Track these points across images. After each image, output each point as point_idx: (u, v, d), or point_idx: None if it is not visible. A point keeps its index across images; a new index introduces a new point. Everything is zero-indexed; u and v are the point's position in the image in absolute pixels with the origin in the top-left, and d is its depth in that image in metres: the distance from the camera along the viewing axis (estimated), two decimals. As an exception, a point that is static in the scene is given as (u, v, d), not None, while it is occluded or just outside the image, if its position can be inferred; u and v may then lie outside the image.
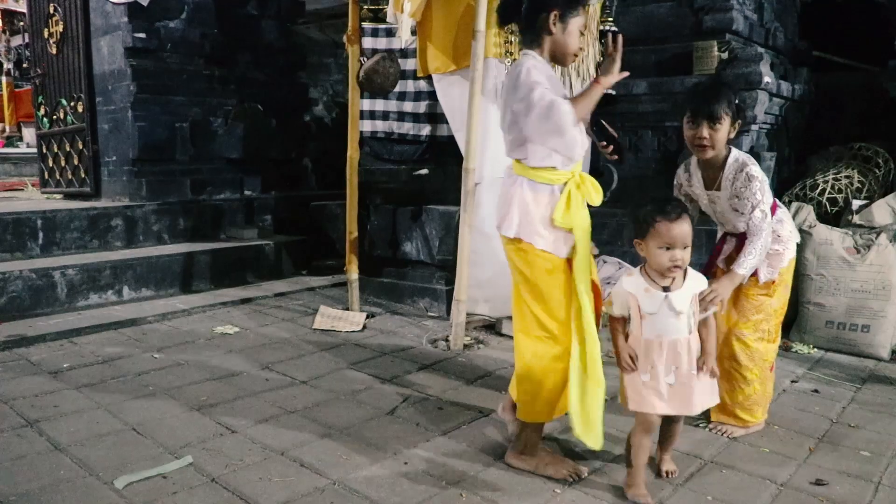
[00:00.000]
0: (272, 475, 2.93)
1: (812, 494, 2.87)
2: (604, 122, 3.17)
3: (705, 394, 2.82)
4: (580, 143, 2.88)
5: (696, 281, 2.83)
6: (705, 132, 3.10)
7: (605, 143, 3.10)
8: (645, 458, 2.80)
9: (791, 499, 2.84)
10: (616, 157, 3.14)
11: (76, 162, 6.96)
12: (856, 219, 5.12)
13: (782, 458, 3.19)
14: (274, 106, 7.48)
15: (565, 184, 2.91)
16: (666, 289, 2.72)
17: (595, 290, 3.01)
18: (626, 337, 2.87)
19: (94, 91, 6.75)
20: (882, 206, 5.08)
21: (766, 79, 5.60)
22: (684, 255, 2.68)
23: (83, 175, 6.89)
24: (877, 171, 5.62)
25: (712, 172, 3.27)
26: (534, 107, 2.78)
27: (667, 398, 2.75)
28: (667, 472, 2.95)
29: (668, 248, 2.64)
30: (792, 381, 4.18)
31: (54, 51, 7.12)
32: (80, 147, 6.87)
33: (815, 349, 4.81)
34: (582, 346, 2.90)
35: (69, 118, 7.02)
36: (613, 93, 5.98)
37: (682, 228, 2.64)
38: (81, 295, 5.39)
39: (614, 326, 2.87)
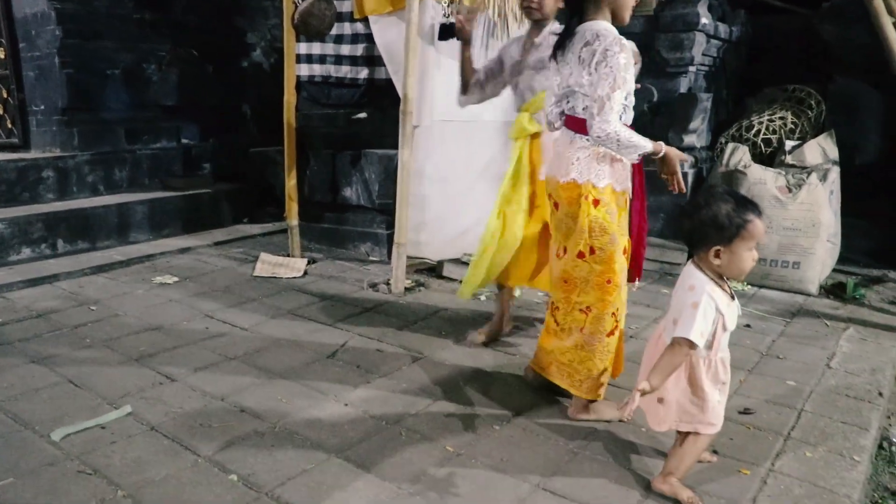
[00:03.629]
0: (212, 421, 2.93)
1: (739, 423, 2.99)
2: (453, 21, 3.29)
3: None
4: None
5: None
6: None
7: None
8: None
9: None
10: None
11: (1, 112, 6.70)
12: (788, 159, 5.24)
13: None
14: (210, 52, 7.27)
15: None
16: (733, 297, 2.39)
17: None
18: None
19: (15, 36, 6.45)
20: (813, 147, 5.21)
21: (704, 20, 5.63)
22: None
23: (10, 125, 6.63)
24: (809, 112, 5.74)
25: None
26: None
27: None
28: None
29: (752, 249, 2.30)
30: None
31: (-31, -8, 6.78)
32: (5, 96, 6.61)
33: (749, 286, 4.95)
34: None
35: (-9, 65, 6.73)
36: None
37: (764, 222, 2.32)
38: (13, 249, 5.24)
39: (682, 354, 2.32)
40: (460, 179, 5.26)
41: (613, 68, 2.65)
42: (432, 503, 2.39)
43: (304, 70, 5.86)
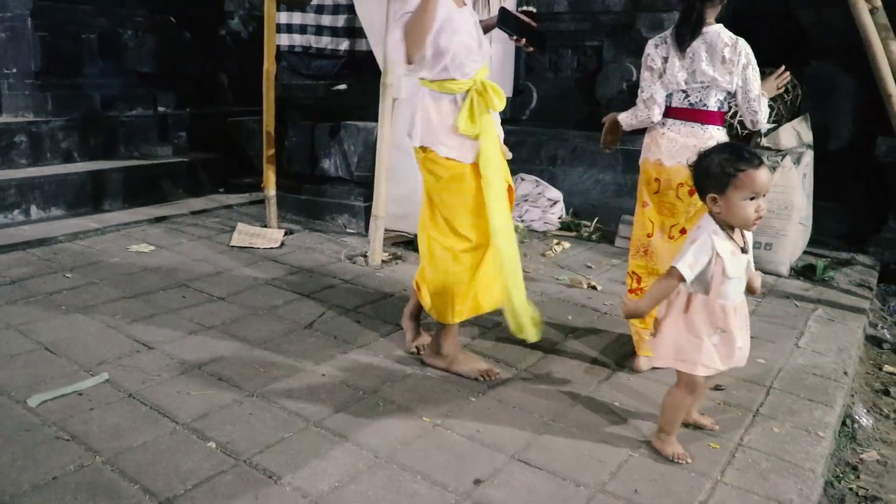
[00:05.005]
0: (190, 389, 2.94)
1: (710, 399, 3.05)
2: (516, 14, 3.21)
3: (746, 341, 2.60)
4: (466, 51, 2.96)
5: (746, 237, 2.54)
6: None
7: (517, 37, 3.17)
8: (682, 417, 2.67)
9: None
10: (534, 48, 3.27)
11: (-29, 74, 6.59)
12: (764, 141, 5.29)
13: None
14: (187, 19, 7.18)
15: (467, 92, 2.97)
16: (744, 250, 2.48)
17: (510, 192, 3.16)
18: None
19: (-13, -4, 6.33)
20: (788, 130, 5.27)
21: (682, 0, 5.65)
22: (766, 205, 2.43)
23: (-20, 89, 6.53)
24: (786, 96, 5.79)
25: None
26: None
27: (725, 357, 2.54)
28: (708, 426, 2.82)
29: (752, 199, 2.36)
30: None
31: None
32: (-25, 58, 6.50)
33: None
34: (502, 248, 2.97)
35: (-40, 26, 6.59)
36: (534, 10, 5.96)
37: (767, 174, 2.39)
38: (-16, 214, 5.19)
39: (671, 284, 2.47)
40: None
41: (756, 71, 3.14)
42: (409, 473, 2.43)
43: (285, 40, 5.81)
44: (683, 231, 3.22)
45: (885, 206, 5.47)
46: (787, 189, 4.94)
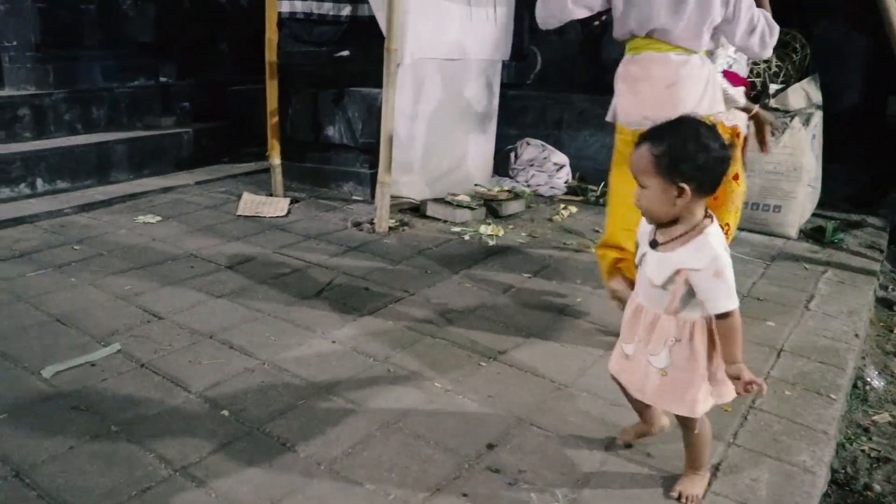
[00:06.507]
0: (202, 358, 2.95)
1: (720, 360, 3.05)
2: None
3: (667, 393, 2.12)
4: None
5: (693, 256, 1.97)
6: None
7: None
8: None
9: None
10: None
11: (-28, 47, 6.53)
12: (772, 102, 5.24)
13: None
14: (186, -14, 7.10)
15: None
16: (654, 244, 2.08)
17: None
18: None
19: (-17, -33, 6.26)
20: (797, 91, 5.21)
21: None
22: (640, 197, 2.01)
23: (-20, 61, 6.48)
24: (794, 56, 5.72)
25: None
26: None
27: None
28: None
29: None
30: (707, 259, 4.36)
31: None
32: (-25, 31, 6.43)
33: (729, 228, 5.00)
34: None
35: (-44, -2, 6.52)
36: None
37: (637, 155, 1.99)
38: (-10, 187, 5.18)
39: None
40: (444, 118, 5.24)
41: None
42: (422, 438, 2.44)
43: (286, 7, 5.75)
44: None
45: (895, 168, 5.44)
46: (796, 151, 4.90)
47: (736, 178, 3.27)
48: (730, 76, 3.27)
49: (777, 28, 3.07)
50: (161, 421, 2.50)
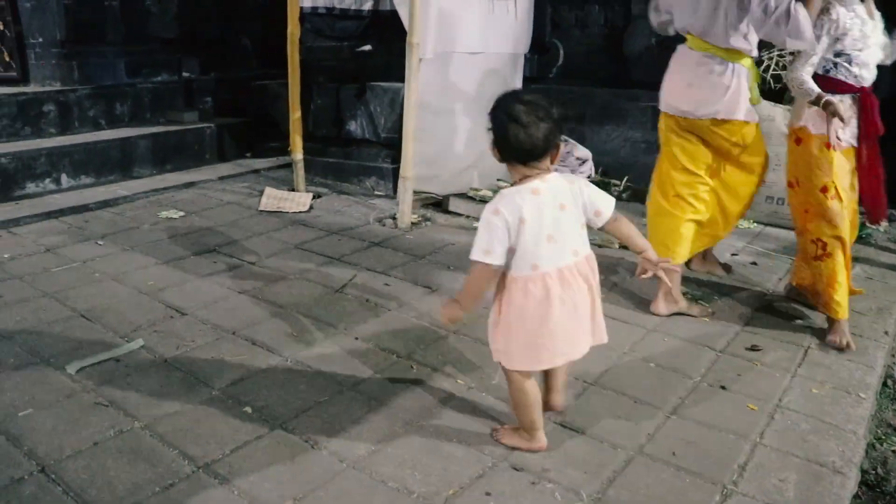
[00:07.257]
0: (224, 354, 2.96)
1: (747, 359, 3.02)
2: None
3: None
4: None
5: None
6: None
7: None
8: None
9: (727, 364, 2.99)
10: None
11: (-1, 44, 6.59)
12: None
13: (722, 327, 3.33)
14: (209, -18, 7.12)
15: None
16: None
17: None
18: None
19: (10, -36, 6.30)
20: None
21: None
22: None
23: (7, 59, 6.52)
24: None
25: None
26: None
27: None
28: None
29: None
30: (732, 255, 4.31)
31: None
32: (1, 28, 6.48)
33: (755, 224, 4.95)
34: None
35: (-17, -4, 6.57)
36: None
37: None
38: (17, 184, 5.21)
39: None
40: (467, 113, 5.21)
41: None
42: (445, 436, 2.43)
43: (308, 1, 5.74)
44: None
45: (924, 160, 5.34)
46: (823, 144, 4.81)
47: (824, 190, 3.15)
48: (827, 82, 3.13)
49: (802, 17, 2.95)
50: (184, 417, 2.50)
